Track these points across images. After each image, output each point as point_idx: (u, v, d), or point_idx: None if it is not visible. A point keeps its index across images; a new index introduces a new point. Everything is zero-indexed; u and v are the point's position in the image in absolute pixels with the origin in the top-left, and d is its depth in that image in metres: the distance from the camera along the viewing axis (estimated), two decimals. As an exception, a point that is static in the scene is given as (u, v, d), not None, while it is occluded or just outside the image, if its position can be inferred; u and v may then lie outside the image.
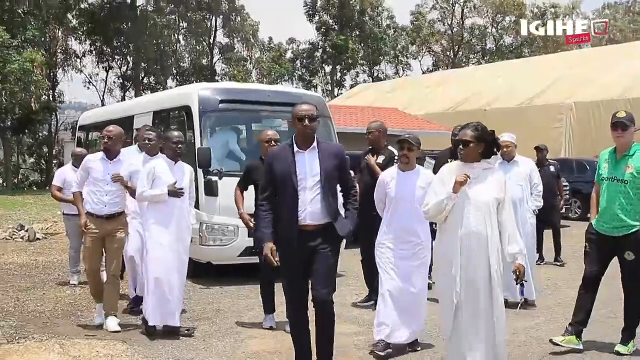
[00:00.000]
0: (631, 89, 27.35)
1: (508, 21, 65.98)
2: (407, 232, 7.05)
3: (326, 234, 5.75)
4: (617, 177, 6.90)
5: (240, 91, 12.42)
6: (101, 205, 7.96)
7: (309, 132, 5.78)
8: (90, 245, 8.09)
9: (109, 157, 8.07)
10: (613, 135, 6.98)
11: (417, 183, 7.06)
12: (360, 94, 46.64)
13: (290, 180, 5.69)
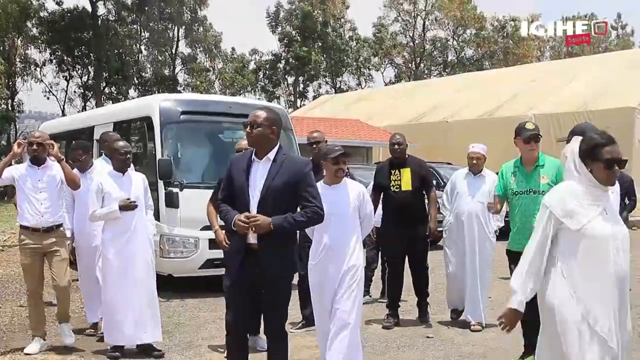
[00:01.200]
0: (590, 102, 27.76)
1: (469, 34, 66.71)
2: (342, 252, 6.32)
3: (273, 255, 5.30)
4: (532, 189, 6.69)
5: (202, 102, 12.34)
6: (37, 215, 7.39)
7: (251, 140, 5.40)
8: (29, 262, 7.49)
9: (36, 164, 7.54)
10: (525, 148, 6.78)
11: (349, 196, 6.45)
12: (323, 105, 46.76)
13: (242, 191, 5.35)
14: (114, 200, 7.45)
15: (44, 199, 7.45)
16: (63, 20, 51.37)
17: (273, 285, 5.36)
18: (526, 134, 6.75)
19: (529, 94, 31.80)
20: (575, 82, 30.90)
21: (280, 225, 5.22)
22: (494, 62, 64.39)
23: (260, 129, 5.34)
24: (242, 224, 5.17)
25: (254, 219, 5.16)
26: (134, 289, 7.42)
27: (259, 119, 5.36)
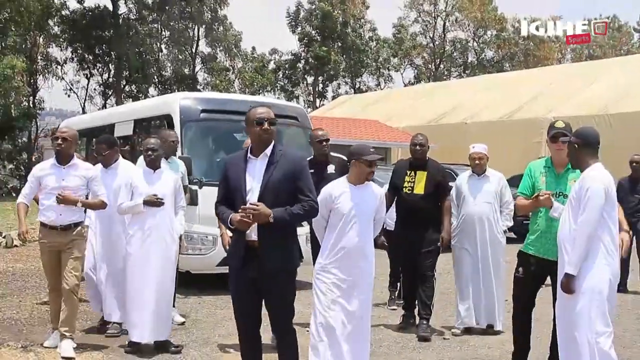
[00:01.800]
0: (611, 105, 27.56)
1: (489, 35, 66.46)
2: (359, 254, 6.26)
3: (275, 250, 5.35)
4: (563, 193, 6.22)
5: (222, 101, 12.40)
6: (55, 214, 7.32)
7: (266, 137, 5.37)
8: (47, 259, 7.52)
9: (61, 162, 7.44)
10: (552, 147, 6.37)
11: (371, 198, 6.39)
12: (342, 105, 46.71)
13: (239, 189, 5.37)
14: (140, 196, 7.55)
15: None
16: (84, 19, 51.69)
17: (275, 280, 5.37)
18: (552, 132, 6.37)
19: (549, 96, 31.63)
20: (596, 84, 30.70)
21: (281, 217, 5.23)
22: (515, 63, 64.14)
23: (274, 127, 5.42)
24: (241, 219, 5.17)
25: (253, 207, 5.16)
26: (152, 286, 7.46)
27: (272, 116, 5.42)
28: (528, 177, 6.52)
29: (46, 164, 7.58)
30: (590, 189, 5.40)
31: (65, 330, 7.34)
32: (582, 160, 5.68)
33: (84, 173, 7.52)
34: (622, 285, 11.80)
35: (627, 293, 11.53)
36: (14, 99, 37.59)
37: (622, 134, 24.49)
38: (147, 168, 7.81)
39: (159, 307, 7.49)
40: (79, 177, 7.46)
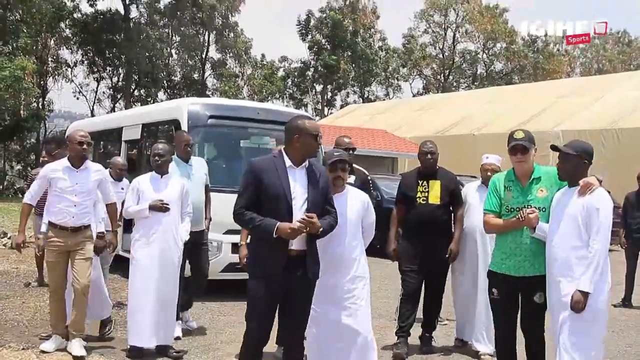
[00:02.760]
0: (619, 120, 27.55)
1: (499, 47, 66.48)
2: (343, 261, 6.10)
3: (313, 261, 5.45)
4: (531, 206, 5.88)
5: (230, 107, 12.39)
6: (68, 216, 7.31)
7: (318, 150, 5.58)
8: (54, 260, 7.41)
9: (75, 165, 7.42)
10: (512, 159, 6.04)
11: (351, 205, 6.20)
12: (350, 114, 46.76)
13: (284, 198, 5.27)
14: (146, 201, 7.57)
15: (77, 201, 7.37)
16: (95, 22, 51.82)
17: (309, 289, 5.50)
18: (511, 143, 6.03)
19: (557, 110, 31.63)
20: (605, 99, 30.69)
21: (326, 229, 5.39)
22: (524, 76, 64.16)
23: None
24: (293, 229, 5.16)
25: (311, 218, 5.19)
26: (155, 291, 7.46)
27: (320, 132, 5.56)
28: (493, 193, 6.18)
29: (58, 165, 7.50)
30: (602, 210, 5.34)
31: (74, 329, 7.36)
32: (581, 175, 5.54)
33: (97, 176, 7.56)
34: (627, 300, 11.75)
35: (632, 308, 11.49)
36: (24, 100, 37.67)
37: (630, 148, 24.50)
38: (154, 173, 7.82)
39: (162, 311, 7.48)
40: (92, 181, 7.50)
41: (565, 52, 68.97)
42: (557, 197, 5.72)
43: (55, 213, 7.35)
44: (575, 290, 5.31)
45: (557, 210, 5.62)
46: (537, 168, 6.03)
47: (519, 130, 6.11)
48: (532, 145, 6.01)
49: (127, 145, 13.60)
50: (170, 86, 59.48)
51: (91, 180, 7.48)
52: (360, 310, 6.11)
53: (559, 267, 5.49)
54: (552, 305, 5.64)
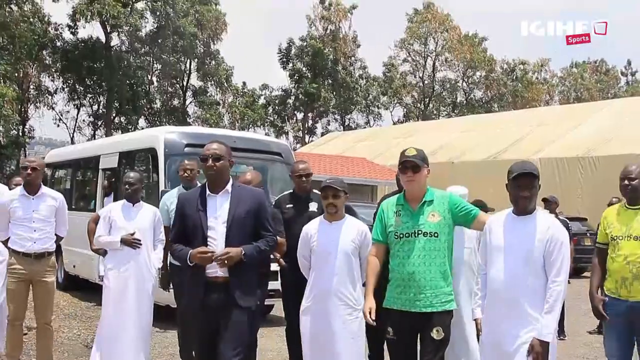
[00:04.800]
0: (596, 147, 27.79)
1: (478, 75, 67.07)
2: (335, 293, 5.92)
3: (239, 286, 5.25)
4: (422, 231, 5.32)
5: (207, 135, 12.38)
6: (30, 242, 7.29)
7: (211, 173, 5.34)
8: (15, 288, 7.29)
9: (30, 192, 7.41)
10: (402, 178, 5.51)
11: (346, 234, 6.01)
12: (331, 142, 46.92)
13: (199, 226, 5.28)
14: (118, 230, 7.54)
15: (37, 227, 7.38)
16: (77, 50, 51.73)
17: (235, 316, 5.22)
18: (400, 160, 5.49)
19: (536, 138, 31.88)
20: (583, 127, 30.98)
21: (251, 254, 5.23)
22: (503, 104, 64.70)
23: (222, 162, 5.35)
24: (203, 256, 5.11)
25: (224, 253, 5.10)
26: (128, 319, 7.41)
27: (218, 151, 5.36)
28: (379, 220, 5.62)
29: (14, 194, 7.53)
30: (564, 245, 4.80)
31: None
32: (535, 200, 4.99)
33: (52, 202, 7.54)
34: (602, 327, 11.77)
35: None
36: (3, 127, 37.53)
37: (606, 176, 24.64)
38: (126, 202, 7.78)
39: (135, 341, 7.44)
40: (48, 207, 7.48)
41: (543, 81, 69.66)
42: (495, 226, 5.11)
43: (16, 241, 7.33)
44: (533, 339, 4.69)
45: (498, 242, 5.00)
46: (429, 191, 5.48)
47: (412, 147, 5.54)
48: (425, 164, 5.43)
49: (104, 173, 13.60)
50: (151, 113, 59.42)
51: (47, 205, 7.47)
52: (348, 343, 5.92)
53: (506, 307, 4.85)
54: (485, 346, 5.07)
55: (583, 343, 10.00)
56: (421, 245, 5.28)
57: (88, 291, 12.89)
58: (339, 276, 5.93)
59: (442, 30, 64.70)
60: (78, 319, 11.47)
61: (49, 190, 7.72)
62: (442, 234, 5.32)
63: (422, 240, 5.29)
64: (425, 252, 5.27)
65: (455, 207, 5.41)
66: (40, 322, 7.46)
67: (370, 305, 5.38)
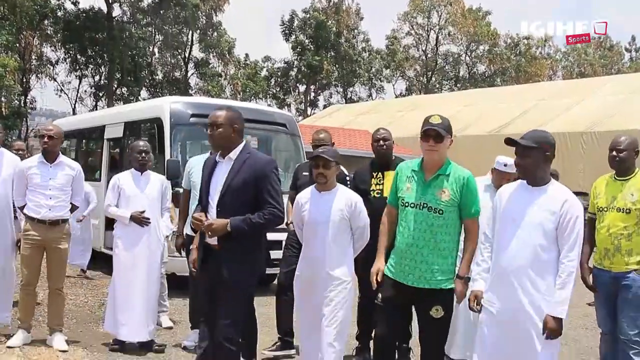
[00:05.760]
0: (598, 123, 27.79)
1: (481, 50, 66.84)
2: (322, 263, 5.85)
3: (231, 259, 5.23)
4: (427, 204, 5.14)
5: (212, 106, 12.33)
6: (45, 209, 7.36)
7: (212, 140, 5.42)
8: (29, 254, 7.44)
9: (48, 160, 7.50)
10: (423, 146, 5.23)
11: (335, 205, 5.92)
12: (333, 115, 46.83)
13: (204, 192, 5.43)
14: (127, 199, 7.66)
15: (53, 195, 7.45)
16: (78, 20, 51.55)
17: (228, 290, 5.23)
18: (425, 127, 5.24)
19: (539, 112, 31.85)
20: (586, 102, 30.95)
21: (238, 227, 5.14)
22: (506, 79, 64.53)
23: (221, 130, 5.32)
24: (196, 222, 5.21)
25: (207, 225, 5.14)
26: (138, 287, 7.57)
27: (219, 119, 5.34)
28: (394, 183, 5.50)
29: (33, 161, 7.59)
30: (579, 220, 4.69)
31: (56, 324, 7.54)
32: (546, 173, 4.87)
33: (70, 171, 7.62)
34: None
35: None
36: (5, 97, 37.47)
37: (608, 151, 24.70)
38: (134, 170, 7.87)
39: (145, 307, 7.59)
40: (65, 175, 7.56)
41: (547, 56, 69.42)
42: (506, 196, 5.00)
43: (31, 207, 7.42)
44: (546, 316, 4.63)
45: (510, 212, 4.90)
46: (448, 164, 5.27)
47: (437, 115, 5.31)
48: (448, 135, 5.21)
49: (109, 143, 13.66)
50: (153, 84, 59.31)
51: (64, 174, 7.55)
52: (335, 315, 5.81)
53: (516, 279, 4.74)
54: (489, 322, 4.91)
55: (583, 314, 10.11)
56: (423, 219, 5.12)
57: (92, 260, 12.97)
58: (327, 246, 5.86)
59: (445, 3, 64.45)
60: (84, 287, 11.58)
61: (66, 159, 7.79)
62: (447, 212, 5.12)
63: (425, 214, 5.12)
64: (426, 227, 5.11)
65: (467, 193, 5.17)
66: (52, 288, 7.59)
67: (379, 267, 5.33)
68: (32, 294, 7.69)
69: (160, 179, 8.09)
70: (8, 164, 7.70)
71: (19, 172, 7.58)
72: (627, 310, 5.93)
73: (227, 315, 5.20)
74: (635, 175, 6.10)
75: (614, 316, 6.10)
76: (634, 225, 5.93)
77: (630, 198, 5.97)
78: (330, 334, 5.73)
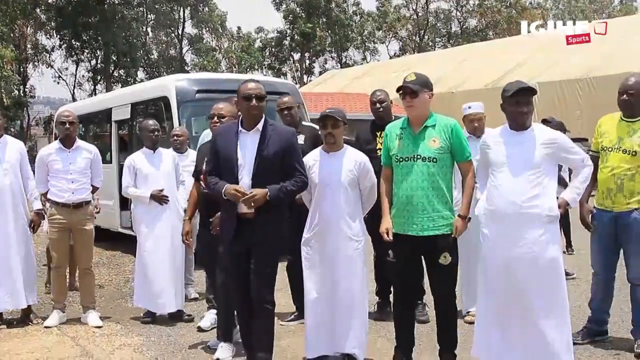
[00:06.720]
0: (593, 68, 27.92)
1: (472, 4, 66.59)
2: (334, 225, 5.85)
3: (266, 224, 5.39)
4: (420, 155, 5.34)
5: (216, 81, 12.75)
6: (68, 192, 7.60)
7: (255, 113, 5.41)
8: (57, 237, 7.71)
9: (67, 146, 7.71)
10: (403, 104, 5.46)
11: (345, 165, 5.89)
12: (329, 81, 46.97)
13: (230, 162, 5.40)
14: (144, 177, 7.90)
15: (74, 178, 7.66)
16: (70, 6, 51.48)
17: (264, 252, 5.41)
18: (398, 87, 5.49)
19: (534, 63, 31.97)
20: (579, 49, 31.03)
21: (276, 196, 5.31)
22: (498, 31, 64.33)
23: (263, 104, 5.42)
24: (236, 194, 5.24)
25: (250, 196, 5.22)
26: (166, 262, 7.80)
27: (262, 91, 5.45)
28: (384, 144, 5.71)
29: (51, 148, 7.84)
30: (567, 140, 5.25)
31: (89, 302, 7.84)
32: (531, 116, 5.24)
33: (87, 155, 7.86)
34: None
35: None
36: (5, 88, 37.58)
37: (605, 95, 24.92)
38: (146, 149, 8.10)
39: (173, 280, 7.85)
40: (84, 159, 7.80)
41: (537, 5, 69.07)
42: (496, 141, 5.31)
43: (55, 192, 7.67)
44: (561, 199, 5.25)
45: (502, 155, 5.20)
46: (432, 116, 5.49)
47: (412, 73, 5.52)
48: (424, 89, 5.40)
49: (116, 125, 13.91)
50: (149, 64, 59.31)
51: (83, 158, 7.78)
52: (351, 271, 5.87)
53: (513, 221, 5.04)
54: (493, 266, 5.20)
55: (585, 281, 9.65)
56: (419, 170, 5.31)
57: (110, 241, 13.27)
58: (337, 207, 5.85)
59: (433, -40, 64.17)
60: (106, 266, 11.74)
61: (83, 143, 8.00)
62: (440, 160, 5.33)
63: (420, 165, 5.32)
64: (422, 177, 5.30)
65: (456, 139, 5.41)
66: (82, 268, 7.91)
67: (387, 226, 5.57)
68: (64, 275, 8.02)
69: (172, 154, 8.35)
70: (14, 150, 7.82)
71: (38, 160, 7.84)
72: (633, 249, 6.06)
73: (262, 276, 5.41)
74: None
75: (611, 256, 6.28)
76: (637, 167, 5.97)
77: (637, 140, 5.98)
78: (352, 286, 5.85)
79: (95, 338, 7.20)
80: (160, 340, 7.08)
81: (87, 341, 7.10)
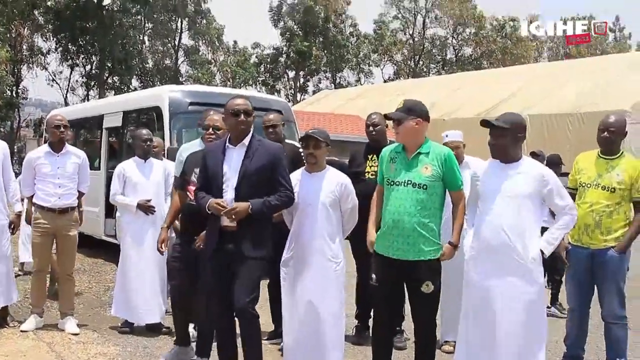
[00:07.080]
0: (585, 104, 28.06)
1: (468, 32, 66.94)
2: (313, 246, 5.86)
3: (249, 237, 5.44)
4: (411, 181, 5.38)
5: (210, 94, 12.74)
6: (55, 197, 7.58)
7: (243, 128, 5.52)
8: (40, 242, 7.69)
9: (55, 150, 7.71)
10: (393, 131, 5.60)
11: (326, 186, 5.94)
12: (322, 101, 47.01)
13: (216, 178, 5.50)
14: (134, 186, 7.93)
15: (61, 183, 7.65)
16: (68, 10, 51.46)
17: (246, 265, 5.40)
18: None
19: (526, 94, 32.11)
20: (572, 83, 31.24)
21: (259, 209, 5.39)
22: (492, 61, 64.64)
23: (250, 119, 5.54)
24: (217, 207, 5.33)
25: (232, 209, 5.30)
26: (147, 272, 7.83)
27: (249, 107, 5.56)
28: (379, 165, 5.81)
29: (40, 151, 7.82)
30: (557, 180, 5.30)
31: (67, 309, 7.80)
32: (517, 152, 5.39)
33: (76, 160, 7.86)
34: None
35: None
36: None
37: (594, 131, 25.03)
38: (137, 158, 8.15)
39: (154, 291, 7.87)
40: (72, 164, 7.79)
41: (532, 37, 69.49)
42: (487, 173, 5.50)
43: (41, 196, 7.65)
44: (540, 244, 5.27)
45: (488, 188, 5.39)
46: (427, 143, 5.53)
47: (403, 99, 5.63)
48: (410, 116, 5.45)
49: (107, 132, 13.90)
50: (144, 73, 59.28)
51: (71, 163, 7.77)
52: (329, 293, 5.88)
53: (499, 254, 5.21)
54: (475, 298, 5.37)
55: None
56: (409, 195, 5.34)
57: (93, 248, 13.24)
58: (317, 228, 5.87)
59: (432, -14, 64.48)
60: (87, 274, 11.72)
61: (72, 148, 7.99)
62: (431, 187, 5.35)
63: (410, 191, 5.34)
64: (411, 202, 5.32)
65: (449, 168, 5.44)
66: (63, 274, 7.86)
67: (371, 239, 5.64)
68: (44, 280, 8.02)
69: (163, 164, 8.35)
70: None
71: (26, 162, 7.84)
72: (607, 286, 6.15)
73: (245, 287, 5.39)
74: (621, 155, 6.24)
75: (587, 293, 6.36)
76: (615, 205, 6.07)
77: (616, 178, 6.09)
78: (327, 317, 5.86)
79: (72, 345, 7.19)
80: (136, 351, 7.06)
81: (62, 347, 7.08)
